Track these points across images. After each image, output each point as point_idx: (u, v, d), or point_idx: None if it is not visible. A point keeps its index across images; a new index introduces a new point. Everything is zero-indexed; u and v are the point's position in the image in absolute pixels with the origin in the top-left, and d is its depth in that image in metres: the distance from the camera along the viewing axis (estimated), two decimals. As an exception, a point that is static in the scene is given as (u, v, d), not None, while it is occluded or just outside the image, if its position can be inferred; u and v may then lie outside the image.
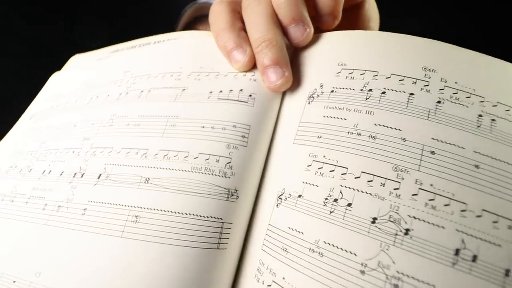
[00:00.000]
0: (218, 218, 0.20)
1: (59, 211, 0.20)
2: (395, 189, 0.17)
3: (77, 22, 0.58)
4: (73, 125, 0.26)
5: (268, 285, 0.19)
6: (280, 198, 0.21)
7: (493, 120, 0.19)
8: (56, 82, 0.33)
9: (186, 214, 0.20)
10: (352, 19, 0.29)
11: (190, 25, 0.45)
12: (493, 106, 0.19)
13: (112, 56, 0.31)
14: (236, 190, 0.21)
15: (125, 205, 0.20)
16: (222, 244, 0.20)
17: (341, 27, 0.28)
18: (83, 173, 0.22)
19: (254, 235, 0.21)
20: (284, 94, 0.25)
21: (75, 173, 0.22)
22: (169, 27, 0.45)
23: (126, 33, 0.30)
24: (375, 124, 0.19)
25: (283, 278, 0.18)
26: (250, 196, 0.22)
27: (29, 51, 0.33)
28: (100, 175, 0.21)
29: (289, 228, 0.19)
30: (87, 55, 0.34)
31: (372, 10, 0.29)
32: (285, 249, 0.19)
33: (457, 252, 0.16)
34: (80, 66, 0.33)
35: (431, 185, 0.17)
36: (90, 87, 0.29)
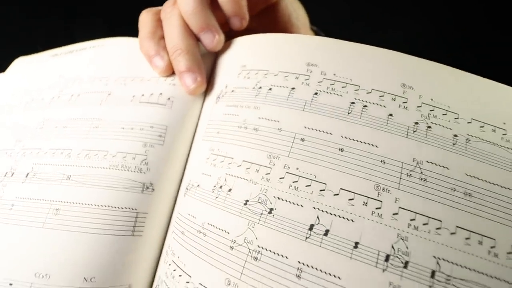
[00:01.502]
0: (132, 209, 0.23)
1: None
2: (266, 174, 0.19)
3: (76, 21, 0.62)
4: (6, 127, 0.28)
5: (169, 264, 0.21)
6: (187, 189, 0.23)
7: (364, 106, 0.20)
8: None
9: (102, 206, 0.23)
10: (271, 18, 0.31)
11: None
12: (368, 93, 0.21)
13: (51, 60, 0.32)
14: (152, 184, 0.24)
15: (48, 200, 0.23)
16: (137, 231, 0.23)
17: (261, 26, 0.30)
18: (13, 173, 0.24)
19: (171, 224, 0.24)
20: (205, 96, 0.27)
21: (6, 173, 0.25)
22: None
23: (125, 32, 0.31)
24: (259, 118, 0.21)
25: (178, 257, 0.20)
26: (169, 189, 0.25)
27: (27, 49, 0.36)
28: (28, 173, 0.24)
29: (188, 214, 0.22)
30: (30, 58, 0.35)
31: (290, 6, 0.31)
32: (183, 232, 0.21)
33: (311, 227, 0.18)
34: (23, 69, 0.34)
35: (297, 168, 0.19)
36: (29, 91, 0.30)
